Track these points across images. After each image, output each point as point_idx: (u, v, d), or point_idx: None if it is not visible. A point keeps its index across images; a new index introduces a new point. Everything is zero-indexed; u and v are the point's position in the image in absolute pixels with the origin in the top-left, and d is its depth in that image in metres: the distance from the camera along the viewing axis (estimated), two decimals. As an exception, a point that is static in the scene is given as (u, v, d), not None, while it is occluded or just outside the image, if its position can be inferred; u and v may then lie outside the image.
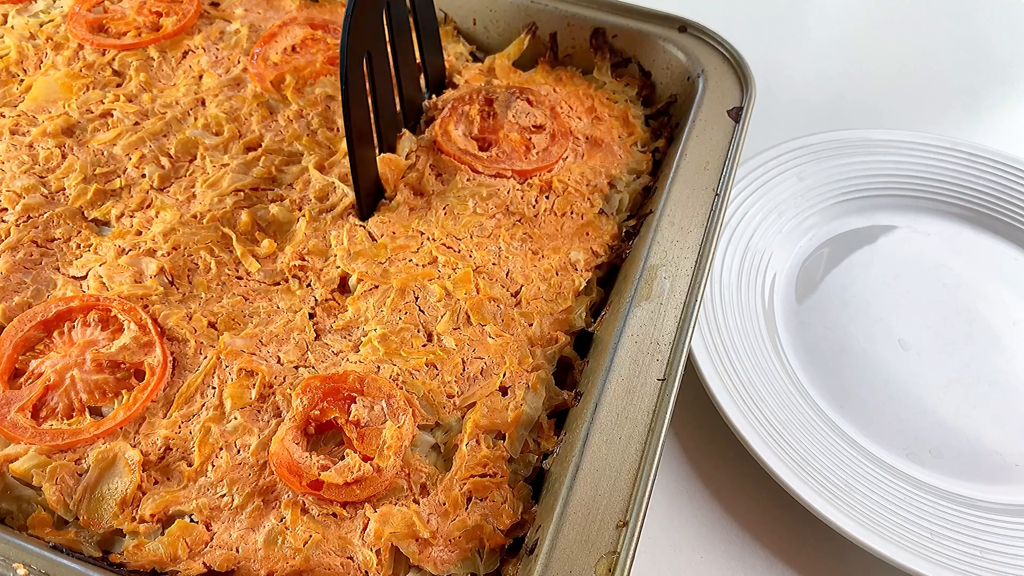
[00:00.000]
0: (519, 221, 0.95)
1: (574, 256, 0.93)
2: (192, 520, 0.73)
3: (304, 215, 0.95)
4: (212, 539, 0.72)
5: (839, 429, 1.00)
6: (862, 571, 0.92)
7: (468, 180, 0.98)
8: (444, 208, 0.96)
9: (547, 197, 0.98)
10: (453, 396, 0.81)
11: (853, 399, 1.05)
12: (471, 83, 1.11)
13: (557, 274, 0.92)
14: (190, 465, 0.76)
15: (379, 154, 0.97)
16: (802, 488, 0.88)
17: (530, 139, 1.03)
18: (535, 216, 0.96)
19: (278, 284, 0.90)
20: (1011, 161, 1.28)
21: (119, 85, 1.09)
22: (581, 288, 0.92)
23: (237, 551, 0.71)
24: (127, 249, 0.91)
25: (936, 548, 0.86)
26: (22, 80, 1.09)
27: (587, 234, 0.96)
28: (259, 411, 0.79)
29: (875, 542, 0.85)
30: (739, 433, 0.92)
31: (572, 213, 0.97)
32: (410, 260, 0.92)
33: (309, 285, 0.90)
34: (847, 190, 1.25)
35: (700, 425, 1.03)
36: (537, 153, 1.02)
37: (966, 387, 1.07)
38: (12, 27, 1.15)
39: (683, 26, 1.13)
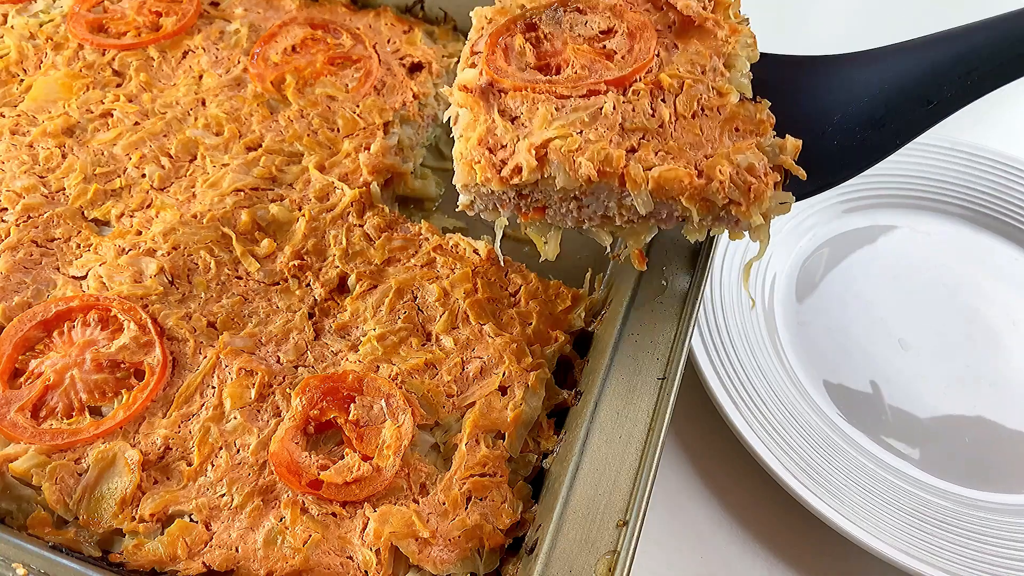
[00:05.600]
0: (644, 138, 0.75)
1: (743, 160, 0.73)
2: (192, 520, 0.73)
3: (304, 215, 0.95)
4: (212, 539, 0.72)
5: (839, 429, 1.00)
6: (861, 571, 0.92)
7: (557, 110, 0.76)
8: None
9: (664, 101, 0.78)
10: (452, 396, 0.81)
11: (853, 399, 1.05)
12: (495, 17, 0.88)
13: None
14: (190, 465, 0.76)
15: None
16: (801, 488, 0.88)
17: (604, 46, 0.83)
18: (660, 127, 0.76)
19: (277, 284, 0.90)
20: (1011, 161, 1.27)
21: (119, 85, 1.09)
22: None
23: (237, 551, 0.71)
24: (127, 249, 0.91)
25: (936, 548, 0.86)
26: (22, 80, 1.09)
27: (737, 129, 0.76)
28: (258, 411, 0.79)
29: (874, 542, 0.85)
30: (739, 433, 0.92)
31: (705, 111, 0.78)
32: (408, 260, 0.92)
33: (308, 285, 0.90)
34: (846, 190, 1.25)
35: (700, 424, 1.03)
36: (622, 56, 0.81)
37: (966, 387, 1.07)
38: (12, 27, 1.15)
39: None
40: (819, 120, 0.82)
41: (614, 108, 0.77)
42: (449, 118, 0.82)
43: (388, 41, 1.17)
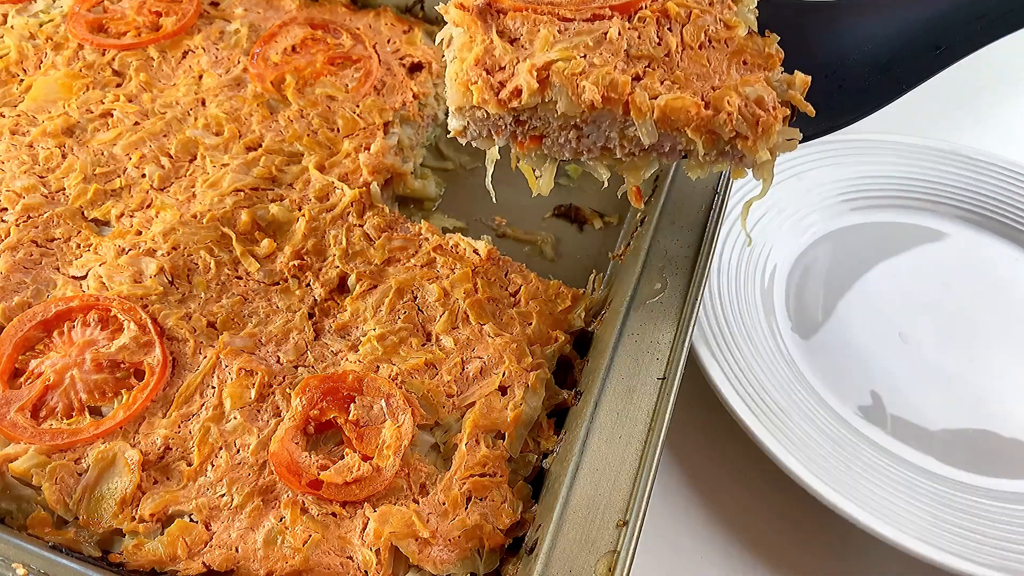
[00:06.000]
0: (650, 67, 0.73)
1: (752, 92, 0.71)
2: (191, 520, 0.73)
3: (304, 215, 0.95)
4: (211, 539, 0.72)
5: (842, 419, 1.00)
6: (867, 567, 0.92)
7: (560, 32, 0.74)
8: None
9: (670, 30, 0.76)
10: (452, 396, 0.81)
11: (855, 389, 1.05)
12: None
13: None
14: (189, 465, 0.76)
15: None
16: (805, 474, 0.88)
17: None
18: (666, 56, 0.74)
19: (277, 284, 0.90)
20: (1009, 164, 1.28)
21: (119, 85, 1.09)
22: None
23: (236, 551, 0.71)
24: (127, 249, 0.91)
25: (939, 532, 0.87)
26: (22, 80, 1.09)
27: (745, 62, 0.75)
28: (258, 411, 0.79)
29: (878, 525, 0.85)
30: (742, 421, 0.92)
31: (712, 42, 0.76)
32: (408, 260, 0.92)
33: (308, 285, 0.90)
34: (846, 191, 1.26)
35: (700, 423, 1.03)
36: None
37: (967, 382, 1.07)
38: (12, 27, 1.15)
39: None
40: (825, 63, 0.80)
41: (619, 34, 0.74)
42: (439, 41, 0.78)
43: (388, 41, 1.17)
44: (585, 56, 0.71)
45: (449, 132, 0.76)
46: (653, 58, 0.73)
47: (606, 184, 0.79)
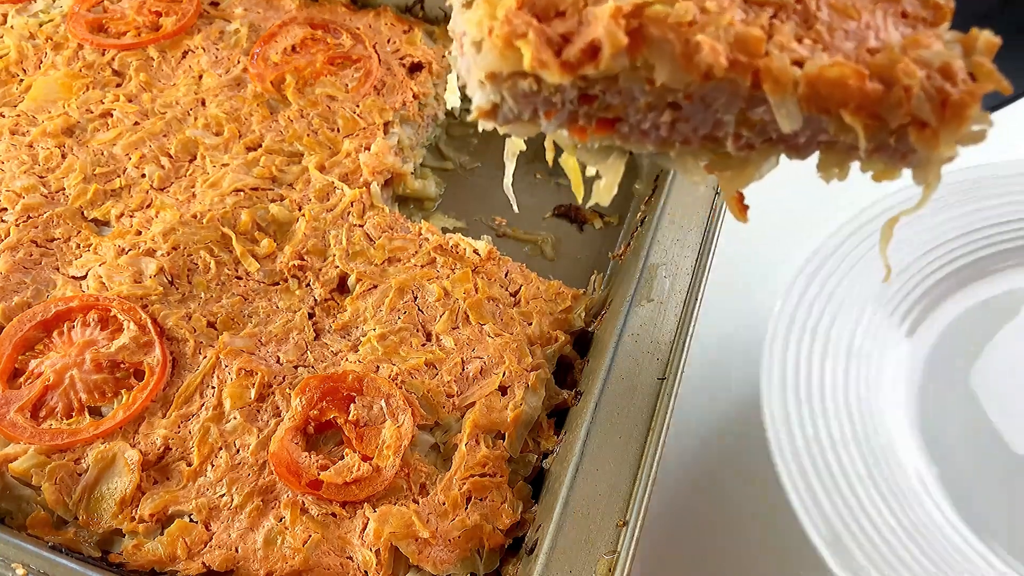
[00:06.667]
0: (776, 18, 0.50)
1: (933, 57, 0.49)
2: (191, 520, 0.73)
3: (304, 215, 0.95)
4: (211, 539, 0.72)
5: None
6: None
7: None
8: None
9: None
10: (452, 396, 0.81)
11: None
12: None
13: None
14: (189, 465, 0.76)
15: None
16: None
17: None
18: (799, 3, 0.51)
19: (277, 284, 0.90)
20: None
21: (119, 85, 1.09)
22: None
23: (236, 551, 0.71)
24: (127, 249, 0.91)
25: None
26: (22, 80, 1.09)
27: (904, 15, 0.53)
28: (258, 411, 0.79)
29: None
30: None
31: None
32: (409, 260, 0.92)
33: (308, 285, 0.90)
34: (958, 252, 0.92)
35: (701, 422, 1.02)
36: None
37: None
38: (12, 27, 1.15)
39: None
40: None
41: None
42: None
43: (388, 41, 1.17)
44: None
45: (465, 116, 0.55)
46: (782, 4, 0.50)
47: (702, 189, 0.58)
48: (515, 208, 0.69)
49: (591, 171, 0.57)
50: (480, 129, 0.53)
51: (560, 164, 0.56)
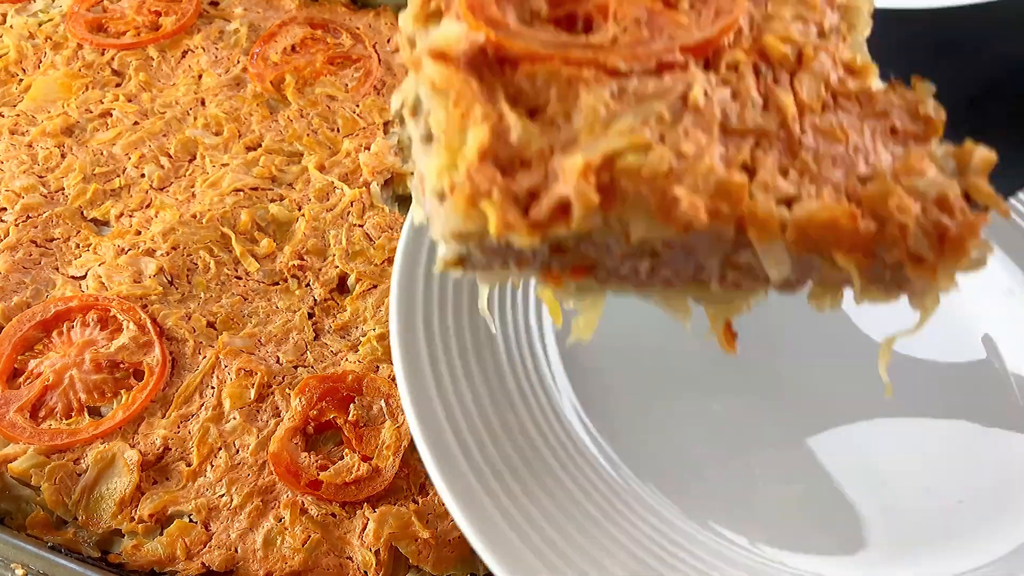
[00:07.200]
0: (759, 147, 0.46)
1: (928, 187, 0.45)
2: (191, 520, 0.73)
3: (304, 215, 0.95)
4: (211, 539, 0.72)
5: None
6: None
7: (614, 96, 0.44)
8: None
9: (777, 82, 0.48)
10: (452, 396, 0.81)
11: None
12: None
13: None
14: (189, 465, 0.76)
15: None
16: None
17: None
18: (782, 127, 0.46)
19: (277, 284, 0.90)
20: None
21: (119, 85, 1.09)
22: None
23: (236, 551, 0.71)
24: (126, 249, 0.91)
25: None
26: (21, 80, 1.09)
27: (894, 131, 0.48)
28: (258, 411, 0.79)
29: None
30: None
31: (839, 100, 0.48)
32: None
33: (308, 285, 0.90)
34: None
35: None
36: (692, 3, 0.49)
37: None
38: (11, 27, 1.15)
39: None
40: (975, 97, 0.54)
41: (706, 95, 0.45)
42: (397, 110, 0.50)
43: (388, 41, 1.17)
44: (664, 138, 0.43)
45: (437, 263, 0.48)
46: (764, 132, 0.46)
47: (688, 331, 0.52)
48: (493, 330, 0.63)
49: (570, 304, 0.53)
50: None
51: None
